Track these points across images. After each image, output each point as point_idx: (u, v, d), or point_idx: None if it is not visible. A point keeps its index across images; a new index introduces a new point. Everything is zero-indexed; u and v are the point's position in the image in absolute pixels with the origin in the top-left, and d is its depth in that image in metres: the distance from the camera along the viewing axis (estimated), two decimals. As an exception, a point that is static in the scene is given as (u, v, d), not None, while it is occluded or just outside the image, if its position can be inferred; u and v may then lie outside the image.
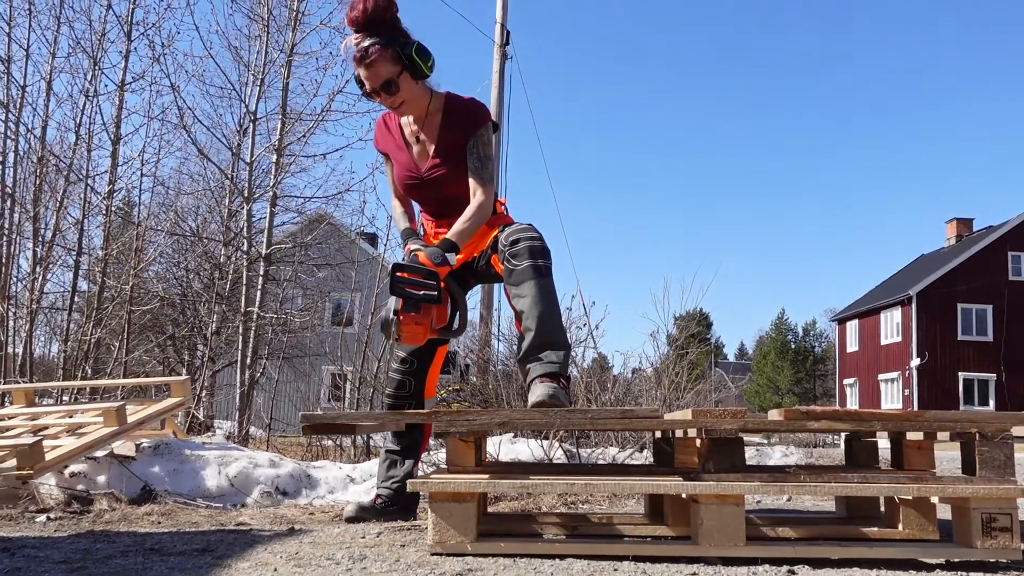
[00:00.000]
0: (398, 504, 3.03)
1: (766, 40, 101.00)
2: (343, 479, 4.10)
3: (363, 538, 2.51)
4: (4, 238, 8.32)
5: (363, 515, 2.98)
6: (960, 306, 34.36)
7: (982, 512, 2.09)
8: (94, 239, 9.89)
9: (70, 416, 4.19)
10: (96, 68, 8.93)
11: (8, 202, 8.50)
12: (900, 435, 2.49)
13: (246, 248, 10.47)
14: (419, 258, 2.68)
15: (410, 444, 3.11)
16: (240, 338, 9.95)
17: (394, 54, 2.77)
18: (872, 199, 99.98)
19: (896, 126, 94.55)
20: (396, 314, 2.64)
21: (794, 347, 60.18)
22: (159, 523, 3.05)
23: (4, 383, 6.86)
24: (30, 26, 8.81)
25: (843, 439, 3.00)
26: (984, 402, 33.69)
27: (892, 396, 36.09)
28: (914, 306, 34.45)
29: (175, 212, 11.86)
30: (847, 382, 40.41)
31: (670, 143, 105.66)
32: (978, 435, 2.18)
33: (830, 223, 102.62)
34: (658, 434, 2.99)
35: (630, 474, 2.50)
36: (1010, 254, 34.68)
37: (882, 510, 2.62)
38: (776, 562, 2.08)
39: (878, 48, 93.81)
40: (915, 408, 31.83)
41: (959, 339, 34.25)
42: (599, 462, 4.90)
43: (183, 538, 2.57)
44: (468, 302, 3.02)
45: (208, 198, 12.94)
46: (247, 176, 10.57)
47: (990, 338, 34.24)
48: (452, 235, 2.77)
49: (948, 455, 6.63)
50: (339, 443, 6.38)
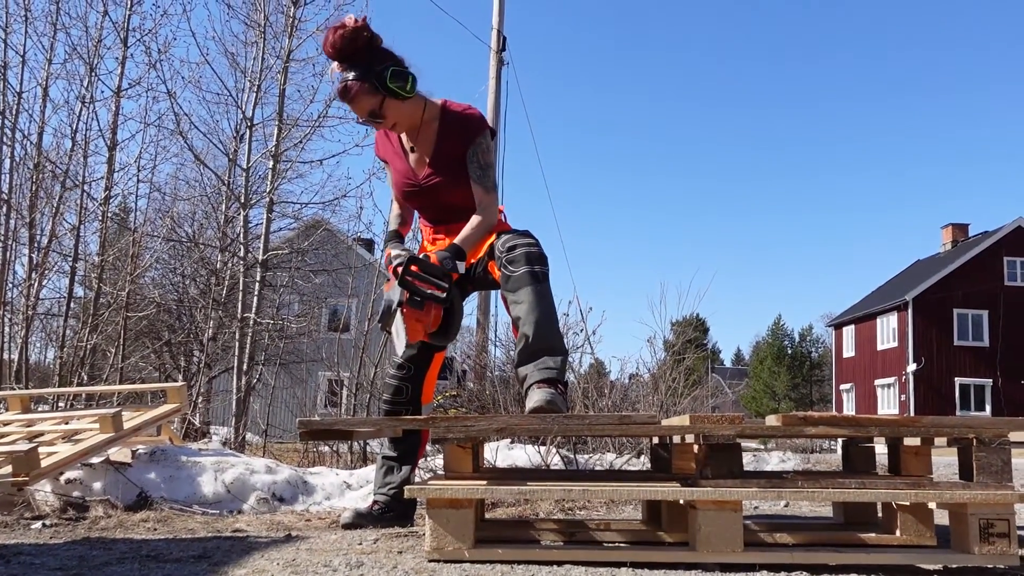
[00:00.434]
0: (395, 510, 3.03)
1: (765, 43, 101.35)
2: (340, 485, 4.09)
3: (360, 545, 2.50)
4: (0, 244, 8.31)
5: (360, 521, 2.97)
6: (956, 311, 34.42)
7: (980, 518, 2.09)
8: (90, 245, 9.89)
9: (66, 422, 4.18)
10: (92, 74, 8.94)
11: (4, 208, 8.49)
12: (897, 441, 2.49)
13: (242, 254, 10.46)
14: (431, 259, 2.68)
15: (407, 450, 3.11)
16: (236, 344, 9.94)
17: (371, 86, 2.77)
18: (868, 204, 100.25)
19: (893, 130, 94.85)
20: (399, 307, 2.64)
21: (791, 352, 60.24)
22: (155, 530, 3.04)
23: (0, 389, 6.84)
24: (26, 32, 8.83)
25: (840, 445, 3.00)
26: (980, 407, 33.73)
27: (888, 401, 36.13)
28: (910, 311, 34.51)
29: (171, 218, 11.84)
30: (844, 387, 40.44)
31: (668, 148, 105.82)
32: (975, 440, 2.18)
33: (826, 228, 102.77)
34: (655, 440, 2.99)
35: (627, 480, 2.49)
36: (1006, 259, 34.75)
37: (879, 516, 2.62)
38: (774, 568, 2.08)
39: (875, 52, 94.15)
40: (911, 413, 31.93)
41: (955, 344, 34.29)
42: (596, 468, 4.90)
43: (179, 545, 2.56)
44: (465, 307, 3.02)
45: (204, 204, 12.94)
46: (244, 182, 10.57)
47: (986, 343, 34.29)
48: (459, 241, 2.78)
49: (945, 460, 6.63)
50: (336, 449, 6.37)
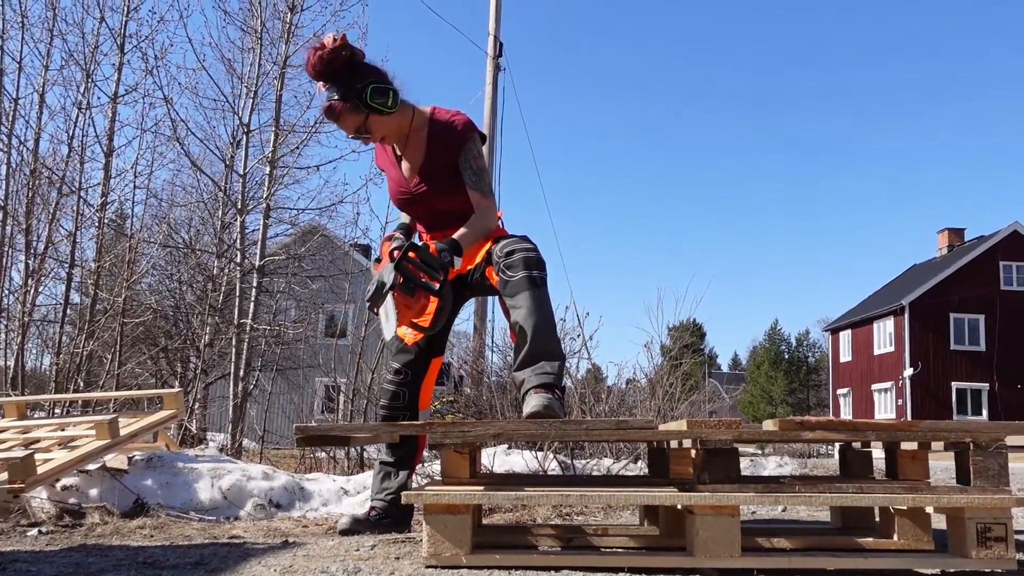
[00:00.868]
0: (393, 516, 3.02)
1: (762, 49, 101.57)
2: (337, 491, 4.08)
3: (357, 551, 2.50)
4: (-4, 250, 8.30)
5: (357, 527, 2.97)
6: (952, 316, 34.48)
7: (977, 522, 2.09)
8: (87, 251, 9.87)
9: (62, 429, 4.17)
10: (89, 80, 8.94)
11: (0, 214, 8.48)
12: (894, 445, 2.49)
13: (239, 260, 10.46)
14: (431, 249, 2.68)
15: (404, 456, 3.11)
16: (233, 350, 9.92)
17: (353, 104, 2.80)
18: (864, 209, 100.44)
19: (889, 136, 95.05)
20: (391, 289, 2.64)
21: (788, 357, 60.28)
22: (152, 536, 3.04)
23: (-5, 396, 6.82)
24: (23, 39, 8.83)
25: (837, 449, 3.00)
26: (977, 412, 33.75)
27: (885, 406, 36.15)
28: (907, 316, 34.55)
29: (168, 224, 11.83)
30: (841, 392, 40.46)
31: (664, 154, 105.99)
32: (972, 445, 2.18)
33: (823, 233, 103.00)
34: (653, 445, 2.99)
35: (625, 485, 2.49)
36: (1002, 264, 34.82)
37: (877, 520, 2.62)
38: (772, 573, 2.08)
39: (872, 58, 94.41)
40: (908, 418, 31.96)
41: (952, 349, 34.34)
42: (594, 473, 4.89)
43: (176, 552, 2.56)
44: (462, 313, 3.03)
45: (201, 210, 12.92)
46: (240, 188, 10.56)
47: (983, 348, 34.34)
48: (458, 236, 2.79)
49: (943, 464, 6.64)
50: (333, 455, 6.36)
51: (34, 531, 3.10)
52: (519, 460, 4.70)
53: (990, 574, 2.12)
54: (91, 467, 3.76)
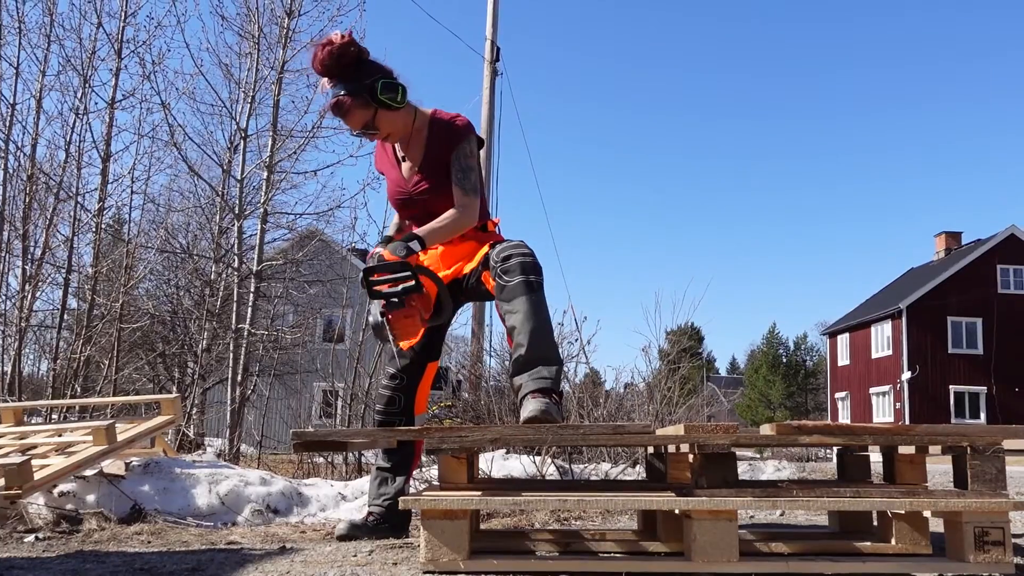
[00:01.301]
0: (390, 522, 3.02)
1: (760, 54, 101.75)
2: (335, 497, 4.08)
3: (355, 556, 2.49)
4: (-7, 256, 8.29)
5: (355, 533, 2.96)
6: (950, 319, 34.50)
7: (975, 526, 2.09)
8: (84, 256, 9.88)
9: (59, 435, 4.16)
10: (86, 86, 8.94)
11: (-3, 220, 8.47)
12: (892, 449, 2.49)
13: (237, 265, 10.45)
14: (384, 256, 2.68)
15: (401, 461, 3.10)
16: (231, 355, 9.92)
17: (363, 100, 2.83)
18: (862, 213, 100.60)
19: (886, 140, 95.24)
20: (384, 316, 2.63)
21: (786, 361, 60.30)
22: (149, 542, 3.03)
23: (-8, 402, 6.81)
24: (20, 44, 8.83)
25: (835, 453, 3.01)
26: (975, 415, 33.76)
27: (884, 409, 36.16)
28: (904, 319, 34.57)
29: (165, 229, 11.85)
30: (839, 396, 40.47)
31: (662, 158, 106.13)
32: (970, 449, 2.18)
33: (820, 237, 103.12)
34: (651, 449, 2.99)
35: (623, 490, 2.49)
36: (999, 267, 34.86)
37: (875, 524, 2.62)
38: (770, 577, 2.08)
39: (869, 63, 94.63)
40: (907, 421, 31.94)
41: (950, 352, 34.35)
42: (592, 478, 4.89)
43: (173, 558, 2.55)
44: (460, 317, 3.02)
45: (199, 215, 12.94)
46: (238, 193, 10.57)
47: (980, 351, 34.36)
48: (421, 231, 2.79)
49: (941, 468, 6.64)
50: (331, 460, 6.35)
51: (31, 537, 3.10)
52: (517, 465, 4.70)
53: (988, 578, 2.12)
54: (88, 473, 3.75)
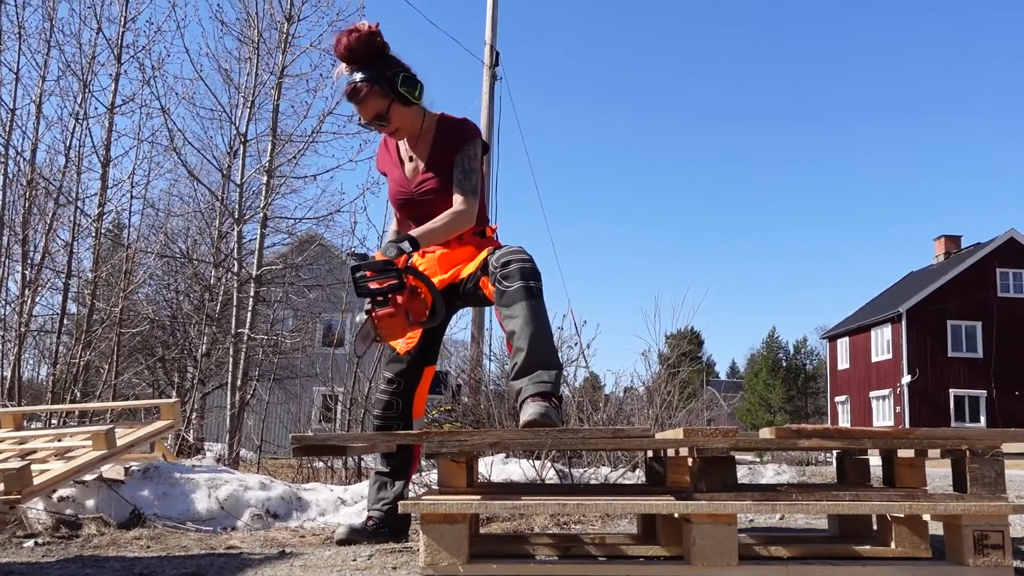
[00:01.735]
0: (390, 526, 3.02)
1: (759, 60, 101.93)
2: (334, 501, 4.08)
3: (354, 561, 2.49)
4: (-7, 261, 8.30)
5: (354, 537, 2.96)
6: (950, 323, 34.50)
7: (974, 529, 2.09)
8: (83, 261, 9.87)
9: (59, 440, 4.16)
10: (86, 91, 8.94)
11: (-3, 225, 8.48)
12: (891, 453, 2.49)
13: (236, 269, 10.45)
14: (375, 257, 2.69)
15: (399, 465, 3.11)
16: (230, 360, 9.91)
17: (381, 89, 2.87)
18: (861, 217, 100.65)
19: (884, 143, 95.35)
20: (368, 314, 2.64)
21: (785, 365, 60.27)
22: (148, 547, 3.03)
23: (-8, 407, 6.80)
24: (19, 49, 8.83)
25: (835, 457, 3.01)
26: (975, 419, 33.74)
27: (883, 413, 36.14)
28: (904, 323, 34.58)
29: (165, 234, 11.84)
30: (838, 399, 40.46)
31: (661, 162, 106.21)
32: (969, 452, 2.18)
33: (820, 241, 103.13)
34: (650, 453, 2.99)
35: (622, 494, 2.49)
36: (998, 271, 34.87)
37: (874, 528, 2.62)
38: (769, 581, 2.07)
39: (868, 68, 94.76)
40: (906, 425, 31.93)
41: (949, 356, 34.35)
42: (591, 482, 4.89)
43: (173, 563, 2.55)
44: (460, 322, 3.03)
45: (198, 220, 12.94)
46: (237, 197, 10.57)
47: (980, 355, 34.35)
48: (415, 231, 2.80)
49: (940, 472, 6.63)
50: (330, 465, 6.35)
51: (30, 542, 3.09)
52: (517, 469, 4.70)
53: (987, 582, 2.12)
54: (88, 478, 3.75)
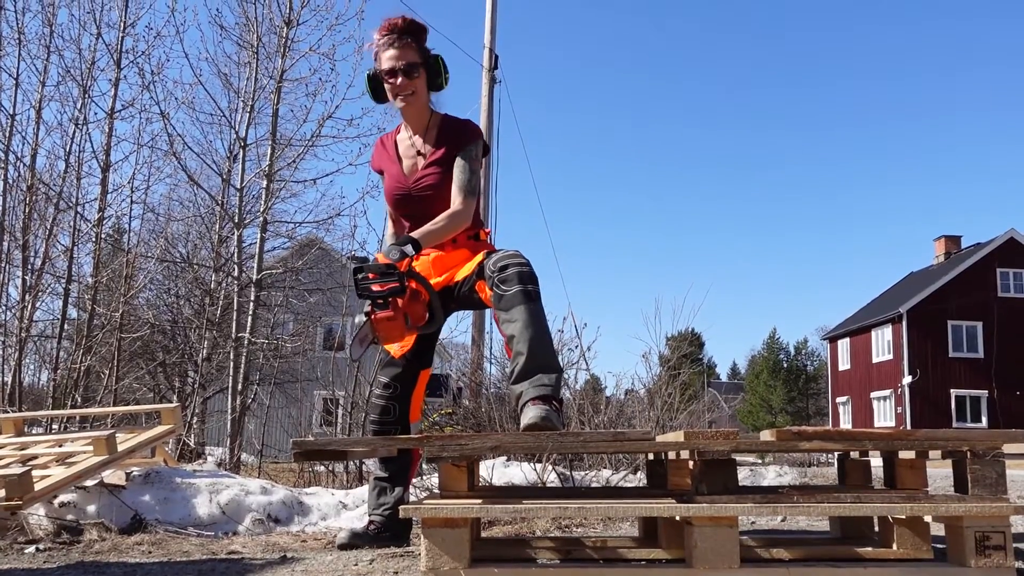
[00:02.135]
0: (391, 530, 3.02)
1: (761, 58, 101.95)
2: (336, 505, 4.07)
3: (356, 565, 2.49)
4: (-7, 266, 8.30)
5: (356, 542, 2.96)
6: (950, 323, 34.47)
7: (975, 530, 2.08)
8: (84, 266, 9.89)
9: (59, 445, 4.16)
10: (86, 96, 8.96)
11: (-3, 230, 8.48)
12: (892, 454, 2.49)
13: (237, 274, 10.46)
14: (377, 259, 2.69)
15: (398, 470, 3.11)
16: (231, 364, 9.91)
17: (422, 50, 3.02)
18: (861, 218, 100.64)
19: (884, 144, 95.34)
20: (368, 316, 2.63)
21: (786, 366, 60.22)
22: (150, 553, 3.03)
23: (-7, 413, 6.80)
24: (19, 55, 8.86)
25: (836, 458, 3.00)
26: (977, 419, 33.71)
27: (885, 414, 36.11)
28: (905, 324, 34.56)
29: (165, 239, 11.85)
30: (840, 400, 40.43)
31: (661, 164, 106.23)
32: (970, 453, 2.18)
33: (820, 242, 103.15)
34: (651, 456, 2.98)
35: (624, 497, 2.49)
36: (999, 271, 34.85)
37: (876, 530, 2.62)
38: (771, 584, 2.07)
39: (868, 68, 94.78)
40: (908, 426, 31.89)
41: (950, 356, 34.33)
42: (593, 484, 4.88)
43: (174, 568, 2.55)
44: (460, 325, 3.03)
45: (198, 224, 12.95)
46: (237, 202, 10.58)
47: (981, 355, 34.33)
48: (416, 233, 2.81)
49: (942, 472, 6.62)
50: (331, 469, 6.34)
51: (32, 548, 3.09)
52: (518, 472, 4.69)
53: (989, 583, 2.11)
54: (89, 483, 3.75)
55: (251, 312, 10.17)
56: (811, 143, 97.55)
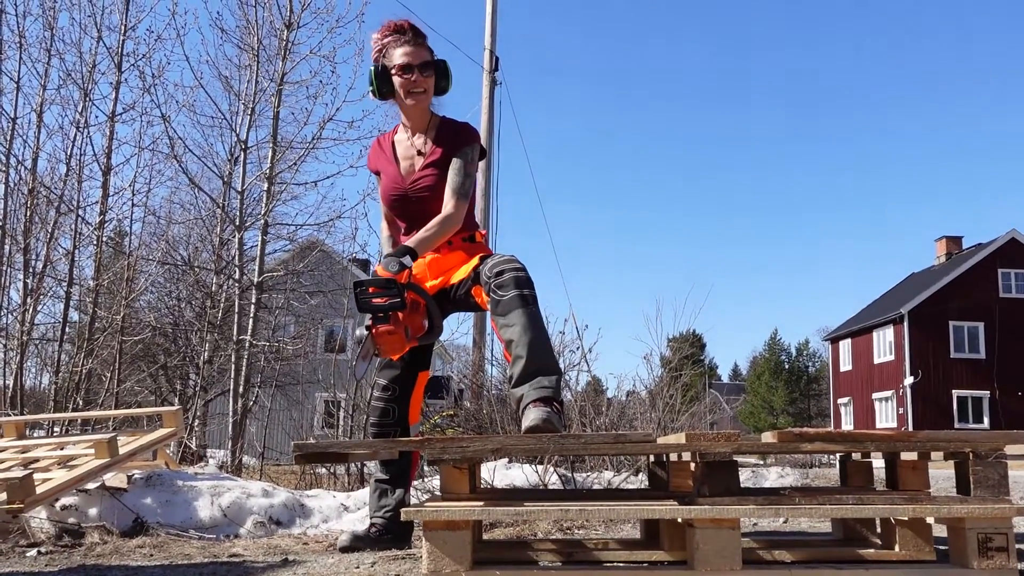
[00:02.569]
0: (392, 533, 3.01)
1: (759, 55, 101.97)
2: (337, 507, 4.07)
3: (358, 568, 2.49)
4: (-5, 270, 8.30)
5: (357, 544, 2.96)
6: (952, 324, 34.44)
7: (978, 532, 2.08)
8: (85, 269, 9.89)
9: (61, 448, 4.16)
10: (87, 99, 8.97)
11: (-1, 234, 8.49)
12: (894, 455, 2.49)
13: (238, 276, 10.46)
14: (377, 271, 2.69)
15: (398, 472, 3.11)
16: (232, 367, 9.92)
17: (431, 52, 3.07)
18: (862, 218, 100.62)
19: (885, 144, 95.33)
20: (368, 330, 2.63)
21: (788, 367, 60.17)
22: (151, 556, 3.03)
23: (-6, 416, 6.80)
24: (20, 59, 8.87)
25: (838, 460, 3.00)
26: (979, 419, 33.68)
27: (886, 415, 36.07)
28: (906, 324, 34.53)
29: (166, 241, 11.87)
30: (841, 401, 40.40)
31: (663, 164, 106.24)
32: (972, 454, 2.17)
33: (821, 243, 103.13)
34: (652, 457, 2.98)
35: (625, 499, 2.48)
36: (1000, 271, 34.82)
37: (878, 531, 2.61)
38: (773, 586, 2.07)
39: (868, 67, 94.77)
40: (910, 427, 31.86)
41: (952, 357, 34.29)
42: (594, 486, 4.88)
43: (176, 571, 2.55)
44: (461, 327, 3.03)
45: (199, 227, 12.94)
46: (238, 204, 10.59)
47: (983, 355, 34.29)
48: (411, 242, 2.81)
49: (944, 473, 6.62)
50: (333, 471, 6.35)
51: (33, 551, 3.09)
52: (519, 474, 4.69)
53: (992, 584, 2.11)
54: (90, 486, 3.75)
55: (252, 315, 10.18)
56: (812, 144, 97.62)
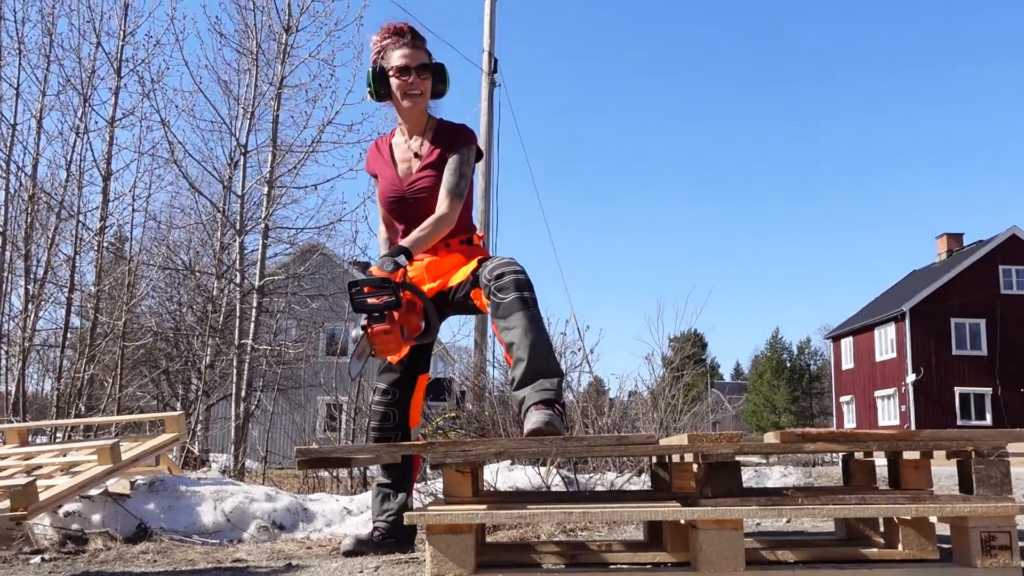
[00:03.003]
0: (396, 536, 3.02)
1: (758, 54, 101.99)
2: (340, 511, 4.07)
3: (361, 572, 2.49)
4: (-4, 276, 8.31)
5: (361, 548, 2.96)
6: (953, 321, 34.42)
7: (981, 530, 2.08)
8: (86, 275, 9.88)
9: (64, 454, 4.16)
10: (86, 105, 8.97)
11: (-1, 240, 8.50)
12: (897, 454, 2.49)
13: (239, 280, 10.46)
14: (372, 271, 2.69)
15: (400, 476, 3.11)
16: (234, 371, 9.91)
17: (429, 55, 3.08)
18: (862, 216, 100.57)
19: (885, 142, 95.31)
20: (364, 330, 2.63)
21: (790, 366, 60.14)
22: (155, 562, 3.03)
23: (-3, 422, 6.81)
24: (20, 64, 8.87)
25: (841, 459, 3.00)
26: (981, 416, 33.66)
27: (889, 413, 36.05)
28: (907, 322, 34.52)
29: (167, 246, 11.85)
30: (843, 399, 40.37)
31: (664, 164, 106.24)
32: (974, 453, 2.18)
33: (822, 241, 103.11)
34: (655, 458, 2.98)
35: (628, 500, 2.48)
36: (1001, 268, 34.81)
37: (881, 530, 2.61)
38: (777, 586, 2.07)
39: (868, 68, 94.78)
40: (912, 424, 31.83)
41: (954, 354, 34.27)
42: (597, 487, 4.88)
43: (179, 577, 2.55)
44: (462, 328, 3.03)
45: (200, 231, 12.95)
46: (239, 208, 10.59)
47: (984, 352, 34.27)
48: (406, 241, 2.82)
49: (947, 472, 6.62)
50: (336, 475, 6.35)
51: (37, 559, 3.09)
52: (522, 476, 4.69)
53: (995, 583, 2.11)
54: (93, 492, 3.75)
55: (254, 319, 10.18)
56: (813, 141, 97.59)
